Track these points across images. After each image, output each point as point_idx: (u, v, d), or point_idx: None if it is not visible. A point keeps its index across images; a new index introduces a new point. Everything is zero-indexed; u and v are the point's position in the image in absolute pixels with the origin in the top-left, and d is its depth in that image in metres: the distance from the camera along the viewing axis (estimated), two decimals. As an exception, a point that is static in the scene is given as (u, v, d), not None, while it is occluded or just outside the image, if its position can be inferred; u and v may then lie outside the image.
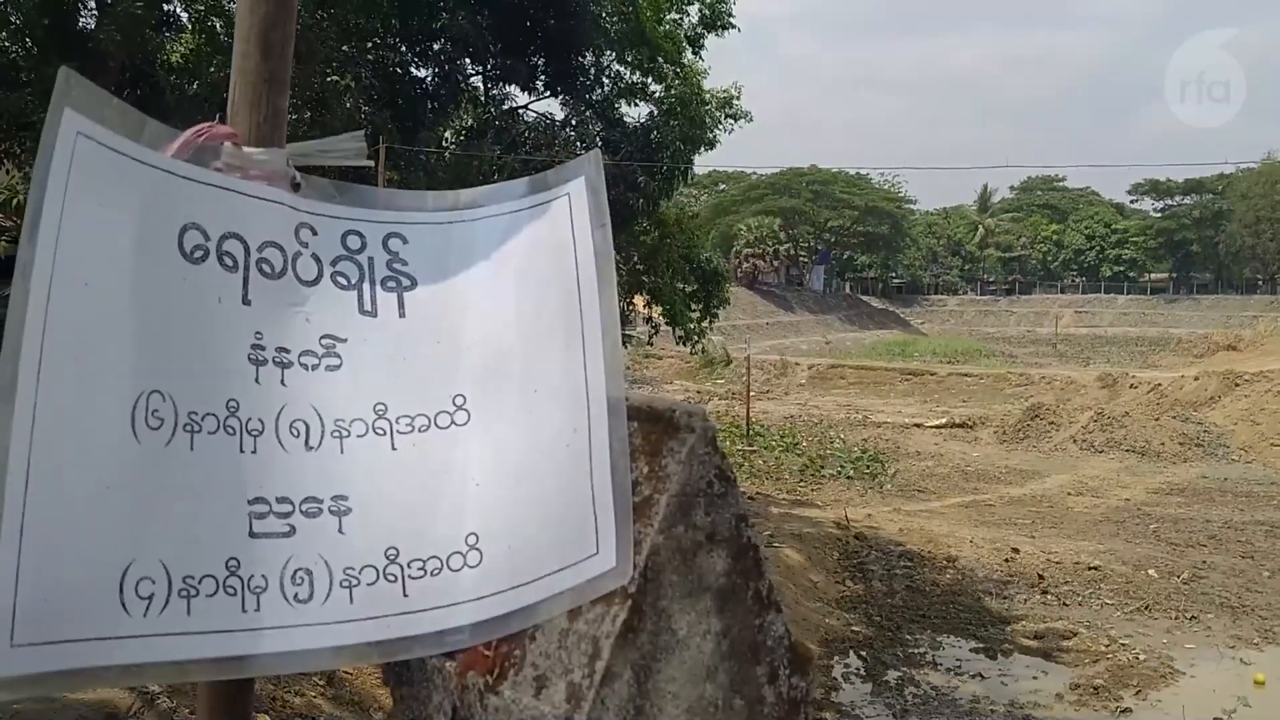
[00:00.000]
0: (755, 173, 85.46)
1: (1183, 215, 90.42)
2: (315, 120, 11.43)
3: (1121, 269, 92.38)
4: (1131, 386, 31.36)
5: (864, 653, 11.00)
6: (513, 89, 15.80)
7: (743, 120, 15.40)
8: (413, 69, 14.93)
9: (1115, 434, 25.32)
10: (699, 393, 37.76)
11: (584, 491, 0.89)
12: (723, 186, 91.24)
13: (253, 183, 1.21)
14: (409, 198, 1.30)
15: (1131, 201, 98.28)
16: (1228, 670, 10.82)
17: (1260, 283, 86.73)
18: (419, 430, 1.13)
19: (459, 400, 1.12)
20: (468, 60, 14.95)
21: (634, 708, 0.63)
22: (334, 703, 6.30)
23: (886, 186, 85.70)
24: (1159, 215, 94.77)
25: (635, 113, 16.25)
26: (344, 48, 13.18)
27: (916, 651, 11.18)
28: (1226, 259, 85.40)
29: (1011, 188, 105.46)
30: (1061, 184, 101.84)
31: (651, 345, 22.54)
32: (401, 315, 1.21)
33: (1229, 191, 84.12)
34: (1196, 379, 30.47)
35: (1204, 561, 14.91)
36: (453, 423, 1.11)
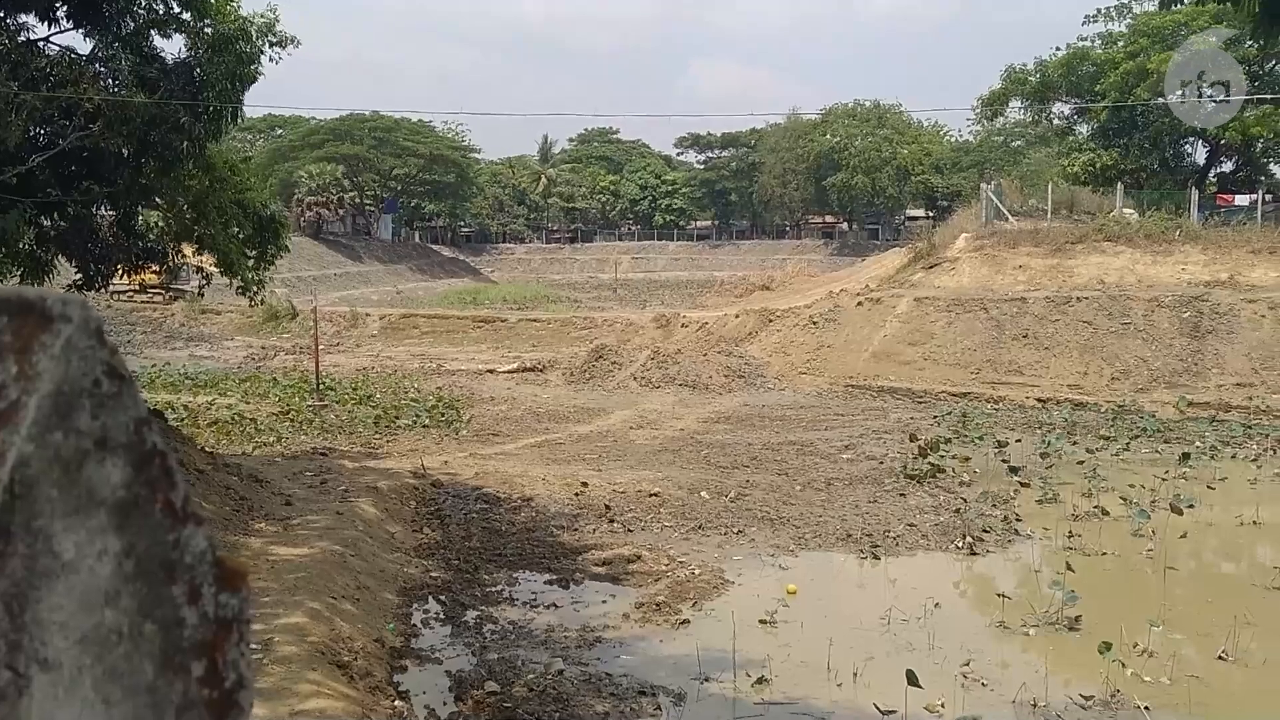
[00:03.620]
0: (314, 117, 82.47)
1: (722, 167, 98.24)
2: None
3: (672, 217, 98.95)
4: (683, 326, 33.81)
5: (443, 597, 11.08)
6: (30, 19, 13.97)
7: (290, 47, 14.51)
8: (-98, -4, 12.76)
9: (670, 370, 27.22)
10: (264, 347, 36.04)
11: None
12: (280, 131, 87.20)
13: None
14: None
15: (678, 154, 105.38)
16: (770, 577, 12.02)
17: (788, 228, 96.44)
18: None
19: None
20: (-31, -14, 13.01)
21: (7, 644, 0.55)
22: None
23: (450, 135, 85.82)
24: (702, 167, 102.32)
25: (173, 47, 14.92)
26: None
27: (494, 590, 11.43)
28: (760, 207, 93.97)
29: (570, 139, 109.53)
30: (616, 136, 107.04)
31: (202, 297, 21.13)
32: None
33: (760, 145, 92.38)
34: (737, 317, 33.45)
35: (747, 481, 16.43)
36: None
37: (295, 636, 8.29)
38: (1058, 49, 38.95)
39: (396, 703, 8.12)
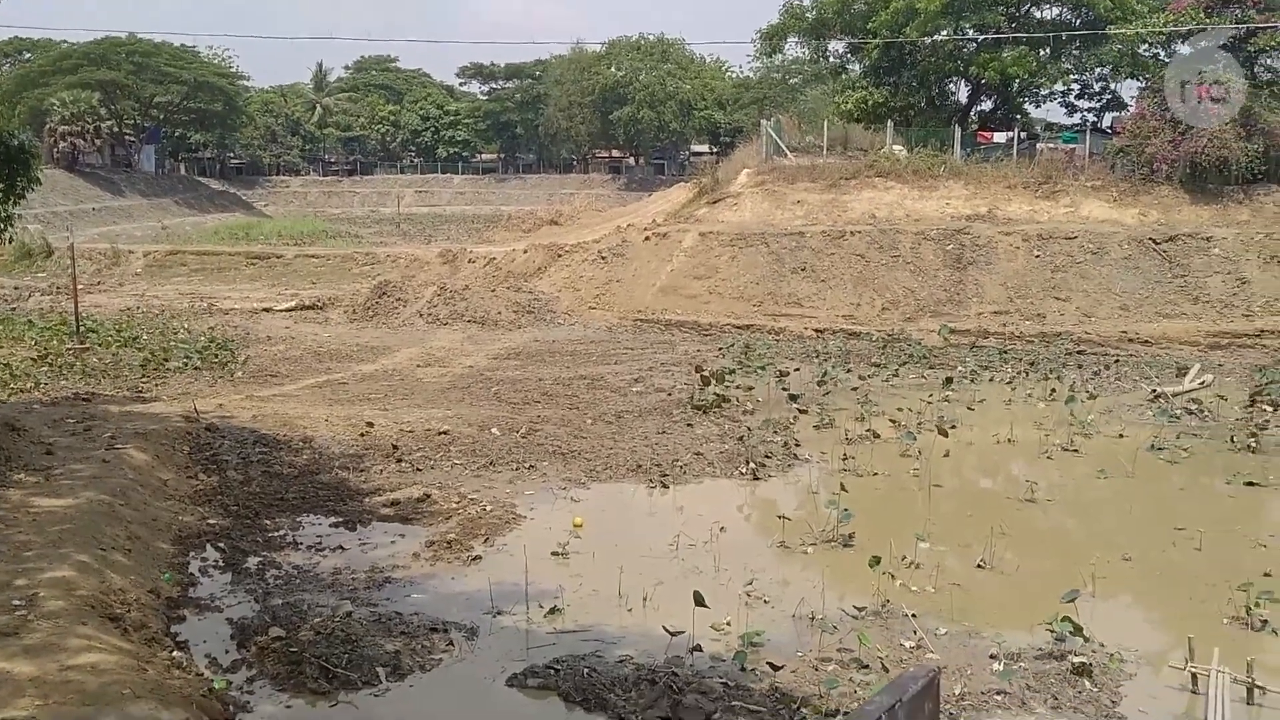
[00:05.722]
0: (66, 40, 76.15)
1: (506, 99, 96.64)
2: None
3: (456, 149, 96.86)
4: (470, 261, 33.34)
5: (222, 544, 10.67)
6: None
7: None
8: None
9: (458, 306, 26.87)
10: (17, 288, 33.39)
11: None
12: (28, 55, 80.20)
13: None
14: None
15: (461, 84, 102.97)
16: (562, 509, 12.14)
17: (575, 163, 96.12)
18: None
19: None
20: None
21: None
22: None
23: (216, 61, 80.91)
24: (485, 98, 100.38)
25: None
26: None
27: (276, 535, 11.09)
28: (546, 140, 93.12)
29: (346, 67, 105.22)
30: (395, 64, 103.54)
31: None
32: None
33: (545, 77, 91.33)
34: (526, 252, 33.22)
35: (539, 416, 16.47)
36: None
37: (63, 590, 7.85)
38: (832, -14, 39.93)
39: (175, 653, 7.81)
